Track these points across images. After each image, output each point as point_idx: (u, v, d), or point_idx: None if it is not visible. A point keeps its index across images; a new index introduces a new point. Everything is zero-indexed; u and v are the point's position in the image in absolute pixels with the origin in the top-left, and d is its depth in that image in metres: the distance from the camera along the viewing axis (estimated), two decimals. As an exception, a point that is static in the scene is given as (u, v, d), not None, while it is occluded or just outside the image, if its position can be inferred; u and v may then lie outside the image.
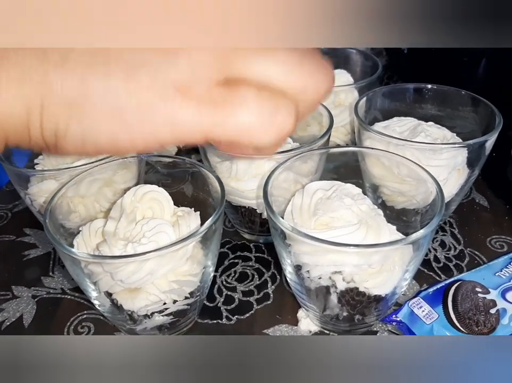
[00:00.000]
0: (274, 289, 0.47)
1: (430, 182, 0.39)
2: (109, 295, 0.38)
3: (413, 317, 0.39)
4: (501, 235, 0.51)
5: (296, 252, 0.37)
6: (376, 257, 0.35)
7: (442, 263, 0.48)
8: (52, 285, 0.48)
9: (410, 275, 0.39)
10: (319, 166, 0.45)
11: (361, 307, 0.39)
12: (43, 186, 0.45)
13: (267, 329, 0.42)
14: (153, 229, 0.37)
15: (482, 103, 0.49)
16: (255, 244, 0.52)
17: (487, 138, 0.44)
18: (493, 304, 0.39)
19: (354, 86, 0.57)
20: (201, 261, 0.39)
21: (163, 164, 0.48)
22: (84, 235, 0.39)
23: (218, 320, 0.44)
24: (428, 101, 0.53)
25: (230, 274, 0.48)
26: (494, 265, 0.43)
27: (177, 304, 0.38)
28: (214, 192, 0.40)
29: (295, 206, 0.41)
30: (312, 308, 0.41)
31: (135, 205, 0.40)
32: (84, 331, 0.43)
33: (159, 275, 0.36)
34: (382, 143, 0.45)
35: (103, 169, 0.44)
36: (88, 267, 0.36)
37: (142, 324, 0.39)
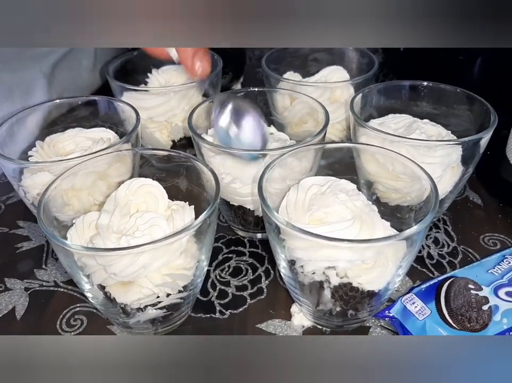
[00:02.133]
0: (268, 283, 0.47)
1: (424, 179, 0.39)
2: (102, 288, 0.38)
3: (406, 313, 0.39)
4: (494, 233, 0.51)
5: (290, 247, 0.37)
6: (369, 252, 0.35)
7: (435, 259, 0.48)
8: (45, 278, 0.48)
9: (403, 271, 0.39)
10: (314, 163, 0.45)
11: (354, 303, 0.39)
12: (37, 178, 0.45)
13: (260, 324, 0.43)
14: (146, 222, 0.37)
15: (477, 101, 0.49)
16: (249, 240, 0.52)
17: (482, 136, 0.44)
18: (485, 301, 0.39)
19: (350, 82, 0.57)
20: (195, 255, 0.39)
21: (157, 157, 0.47)
22: (77, 228, 0.39)
23: (211, 314, 0.44)
24: (423, 99, 0.53)
25: (224, 268, 0.48)
26: (487, 262, 0.43)
27: (170, 298, 0.38)
28: (209, 186, 0.40)
29: (290, 201, 0.41)
30: (305, 303, 0.41)
31: (129, 198, 0.40)
32: (77, 324, 0.43)
33: (153, 268, 0.36)
34: (378, 140, 0.45)
35: (97, 162, 0.43)
36: (81, 259, 0.36)
37: (135, 317, 0.39)
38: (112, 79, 0.57)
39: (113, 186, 0.45)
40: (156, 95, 0.56)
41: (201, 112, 0.51)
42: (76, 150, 0.49)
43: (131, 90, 0.56)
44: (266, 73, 0.59)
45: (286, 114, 0.54)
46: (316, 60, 0.67)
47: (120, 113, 0.53)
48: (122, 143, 0.46)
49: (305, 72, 0.65)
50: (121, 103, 0.53)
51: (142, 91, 0.56)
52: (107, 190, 0.45)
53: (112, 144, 0.46)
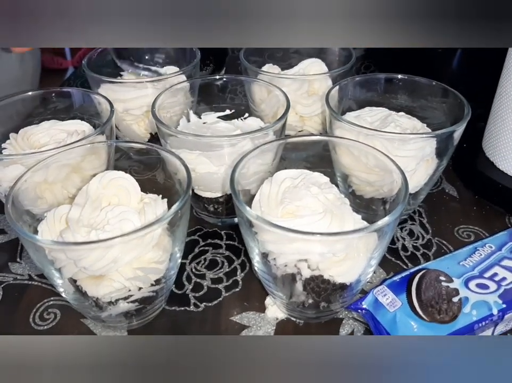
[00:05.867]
0: (243, 276, 0.47)
1: (396, 172, 0.39)
2: (73, 282, 0.38)
3: (378, 305, 0.40)
4: (468, 225, 0.52)
5: (262, 240, 0.37)
6: (340, 245, 0.35)
7: (409, 251, 0.49)
8: (19, 271, 0.47)
9: (375, 263, 0.39)
10: (277, 154, 0.45)
11: (326, 295, 0.39)
12: (10, 171, 0.44)
13: (234, 316, 0.43)
14: (117, 215, 0.37)
15: (451, 94, 0.49)
16: (226, 232, 0.52)
17: (455, 129, 0.45)
18: (456, 293, 0.40)
19: (328, 75, 0.57)
20: (167, 248, 0.39)
21: (134, 150, 0.47)
22: (48, 222, 0.38)
23: (186, 307, 0.44)
24: (400, 92, 0.53)
25: (200, 261, 0.48)
26: (459, 254, 0.44)
27: (142, 291, 0.38)
28: (181, 179, 0.40)
29: (263, 195, 0.41)
30: (278, 295, 0.41)
31: (101, 191, 0.39)
32: (50, 317, 0.43)
33: (124, 262, 0.35)
34: (353, 133, 0.45)
35: (71, 154, 0.43)
36: (51, 254, 0.35)
37: (107, 311, 0.39)
38: (88, 71, 0.56)
39: (87, 179, 0.44)
40: (133, 87, 0.55)
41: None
42: (51, 142, 0.49)
43: (108, 82, 0.55)
44: (245, 66, 0.59)
45: (263, 106, 0.54)
46: (298, 53, 0.67)
47: (96, 105, 0.53)
48: (95, 135, 0.45)
49: (287, 64, 0.65)
50: (97, 96, 0.52)
51: (118, 83, 0.56)
52: (81, 183, 0.45)
53: (85, 136, 0.45)
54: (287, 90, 0.51)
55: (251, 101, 0.57)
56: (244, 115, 0.53)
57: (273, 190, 0.41)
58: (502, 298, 0.39)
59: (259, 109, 0.55)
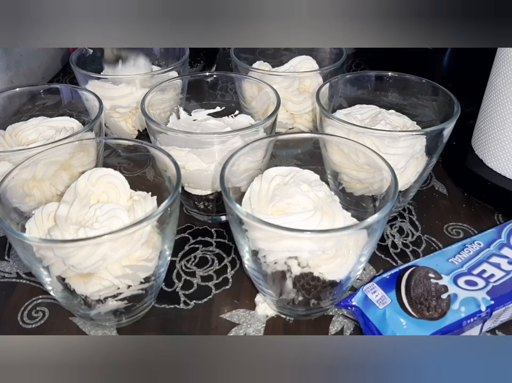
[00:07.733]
0: (234, 274, 0.47)
1: (385, 169, 0.39)
2: (62, 280, 0.37)
3: (367, 302, 0.40)
4: (457, 222, 0.52)
5: (252, 237, 0.37)
6: (329, 242, 0.35)
7: (399, 249, 0.49)
8: (7, 269, 0.47)
9: (364, 259, 0.39)
10: (267, 151, 0.45)
11: (316, 292, 0.39)
12: (-3, 168, 0.44)
13: (224, 314, 0.43)
14: (106, 213, 0.37)
15: (441, 91, 0.50)
16: (216, 230, 0.52)
17: (444, 126, 0.45)
18: (445, 289, 0.40)
19: (318, 72, 0.57)
20: (157, 246, 0.38)
21: (124, 147, 0.47)
22: (36, 219, 0.38)
23: (176, 305, 0.43)
24: (390, 89, 0.54)
25: (190, 259, 0.48)
26: (448, 251, 0.44)
27: (131, 289, 0.38)
28: (171, 176, 0.40)
29: (253, 192, 0.41)
30: (268, 293, 0.41)
31: (89, 188, 0.39)
32: (38, 315, 0.42)
33: (113, 260, 0.35)
34: (343, 131, 0.45)
35: (59, 151, 0.43)
36: (39, 252, 0.35)
37: (96, 309, 0.38)
38: (76, 67, 0.56)
39: (76, 176, 0.44)
40: (121, 84, 0.55)
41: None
42: (39, 139, 0.49)
43: (95, 79, 0.55)
44: (236, 63, 0.59)
45: (254, 103, 0.54)
46: (288, 50, 0.67)
47: (84, 101, 0.52)
48: (84, 131, 0.45)
49: (278, 61, 0.65)
50: (85, 92, 0.52)
51: (106, 80, 0.55)
52: (70, 180, 0.45)
53: (74, 133, 0.45)
54: (278, 87, 0.51)
55: (242, 98, 0.57)
56: (234, 112, 0.53)
57: (264, 187, 0.41)
58: (490, 295, 0.39)
59: (250, 107, 0.55)
